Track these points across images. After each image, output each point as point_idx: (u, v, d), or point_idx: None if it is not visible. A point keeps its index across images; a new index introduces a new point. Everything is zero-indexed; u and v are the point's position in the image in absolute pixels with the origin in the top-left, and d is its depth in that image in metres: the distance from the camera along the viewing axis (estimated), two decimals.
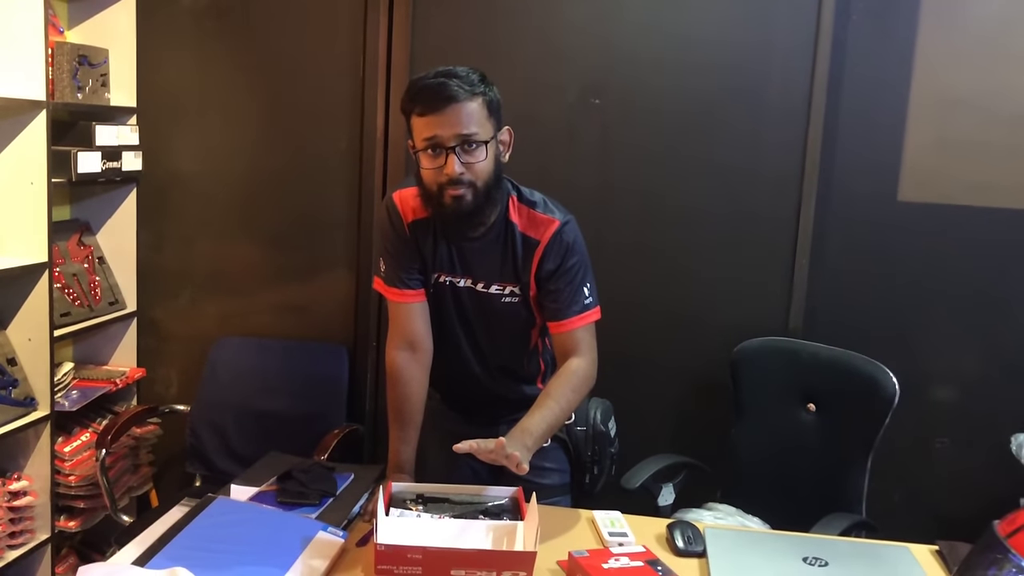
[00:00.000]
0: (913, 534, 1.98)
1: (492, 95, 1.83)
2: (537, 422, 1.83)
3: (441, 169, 1.79)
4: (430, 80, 1.79)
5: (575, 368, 1.92)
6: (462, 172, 1.78)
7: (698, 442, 2.71)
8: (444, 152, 1.78)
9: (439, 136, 1.78)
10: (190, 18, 2.93)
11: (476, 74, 1.82)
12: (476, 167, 1.80)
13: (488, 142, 1.81)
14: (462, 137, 1.77)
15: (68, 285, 2.81)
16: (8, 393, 2.51)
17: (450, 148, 1.78)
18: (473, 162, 1.79)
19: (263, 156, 2.97)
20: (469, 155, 1.79)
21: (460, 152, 1.78)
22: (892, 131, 2.69)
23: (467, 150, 1.79)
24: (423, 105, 1.78)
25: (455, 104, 1.76)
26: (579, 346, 1.93)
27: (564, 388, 1.90)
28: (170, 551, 1.61)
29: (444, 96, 1.76)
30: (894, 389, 2.30)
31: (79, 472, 2.73)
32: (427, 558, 1.54)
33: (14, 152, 2.51)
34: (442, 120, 1.77)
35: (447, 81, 1.78)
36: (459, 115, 1.77)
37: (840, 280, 2.75)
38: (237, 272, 3.03)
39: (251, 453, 2.61)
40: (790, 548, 1.81)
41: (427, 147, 1.80)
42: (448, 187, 1.80)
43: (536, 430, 1.81)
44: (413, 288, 1.98)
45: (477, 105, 1.79)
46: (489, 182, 1.83)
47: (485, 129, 1.80)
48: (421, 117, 1.79)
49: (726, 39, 2.71)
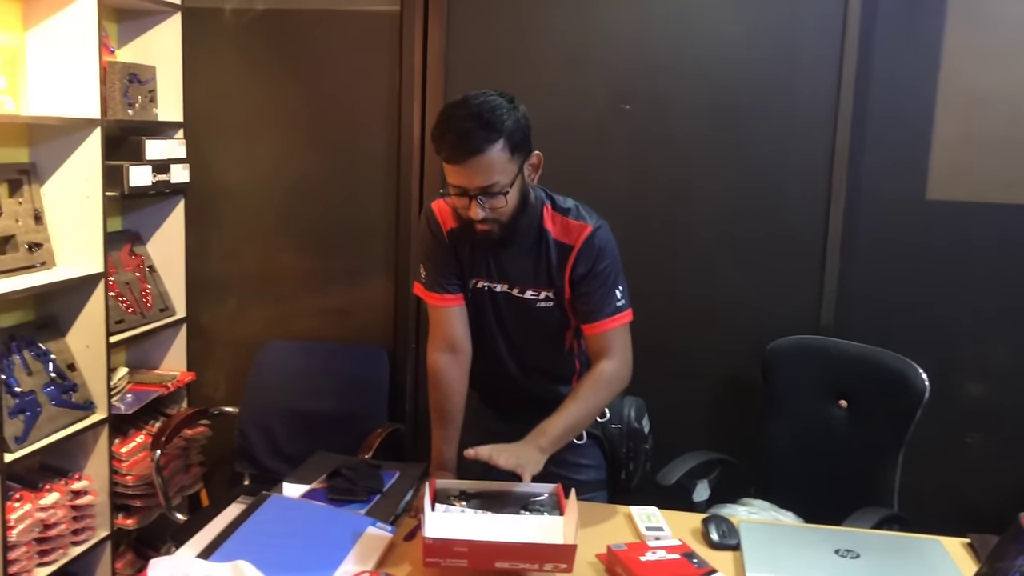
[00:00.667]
0: (945, 527, 2.01)
1: (518, 126, 1.83)
2: (556, 424, 1.92)
3: (466, 209, 1.87)
4: (453, 128, 1.81)
5: (602, 370, 1.99)
6: (484, 216, 1.87)
7: (732, 439, 2.76)
8: (468, 197, 1.86)
9: (463, 185, 1.85)
10: (232, 35, 3.03)
11: (503, 107, 1.82)
12: (499, 209, 1.87)
13: (512, 184, 1.86)
14: (483, 189, 1.84)
15: (122, 293, 2.93)
16: (69, 397, 2.63)
17: (472, 196, 1.85)
18: (496, 206, 1.87)
19: (304, 166, 3.07)
20: (492, 200, 1.86)
21: (483, 199, 1.85)
22: (920, 129, 2.71)
23: (489, 197, 1.85)
24: (446, 154, 1.83)
25: (477, 156, 1.80)
26: (610, 347, 1.99)
27: (588, 391, 1.98)
28: (231, 545, 1.70)
29: (466, 150, 1.80)
30: (924, 385, 2.33)
31: (135, 472, 2.85)
32: (472, 551, 1.61)
33: (71, 168, 2.63)
34: (464, 172, 1.83)
35: (471, 130, 1.79)
36: (480, 167, 1.81)
37: (870, 278, 2.78)
38: (281, 278, 3.13)
39: (297, 453, 2.71)
40: (822, 541, 1.86)
41: (453, 190, 1.88)
42: (476, 223, 1.88)
43: (553, 432, 1.91)
44: (452, 293, 2.05)
45: (499, 151, 1.81)
46: (515, 215, 1.90)
47: (507, 174, 1.84)
48: (447, 163, 1.85)
49: (753, 41, 2.76)
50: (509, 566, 1.63)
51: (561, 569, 1.63)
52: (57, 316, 2.71)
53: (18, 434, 2.42)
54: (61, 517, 2.55)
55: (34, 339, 2.62)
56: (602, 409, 2.09)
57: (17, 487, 2.47)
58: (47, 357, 2.62)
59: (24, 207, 2.59)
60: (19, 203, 2.58)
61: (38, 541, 2.50)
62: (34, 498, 2.48)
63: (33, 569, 2.49)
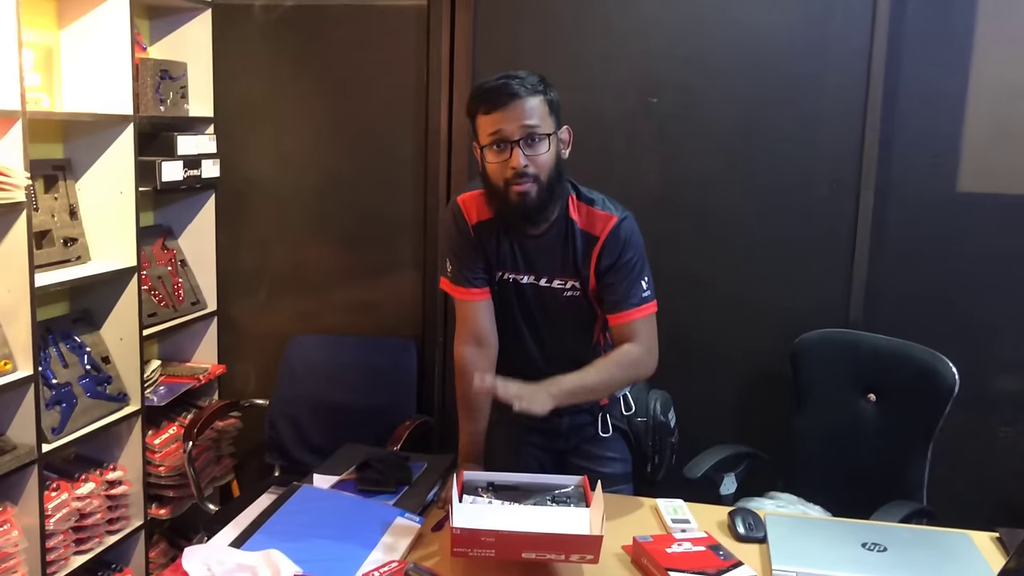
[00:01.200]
0: (974, 522, 2.01)
1: (552, 96, 1.93)
2: (570, 379, 1.90)
3: (507, 163, 1.88)
4: (493, 82, 1.91)
5: (627, 351, 1.99)
6: (526, 164, 1.87)
7: (759, 432, 2.76)
8: (509, 146, 1.88)
9: (504, 130, 1.87)
10: (262, 31, 3.07)
11: (536, 76, 1.93)
12: (539, 160, 1.89)
13: (550, 135, 1.90)
14: (526, 129, 1.87)
15: (154, 287, 2.98)
16: (104, 389, 2.68)
17: (515, 141, 1.87)
18: (536, 155, 1.88)
19: (333, 161, 3.10)
20: (532, 148, 1.88)
21: (524, 145, 1.87)
22: (950, 121, 2.69)
23: (530, 144, 1.88)
24: (488, 103, 1.89)
25: (518, 100, 1.87)
26: (636, 336, 2.00)
27: (609, 362, 1.99)
28: (263, 534, 1.73)
29: (508, 93, 1.87)
30: (954, 379, 2.31)
31: (168, 463, 2.89)
32: (500, 541, 1.62)
33: (105, 164, 2.68)
34: (506, 115, 1.87)
35: (509, 80, 1.89)
36: (522, 110, 1.87)
37: (899, 271, 2.76)
38: (310, 272, 3.16)
39: (326, 444, 2.75)
40: (849, 534, 1.86)
41: (492, 142, 1.89)
42: (513, 182, 1.88)
43: (566, 386, 1.88)
44: (478, 287, 2.07)
45: (538, 102, 1.89)
46: (551, 176, 1.92)
47: (547, 124, 1.90)
48: (486, 115, 1.89)
49: (782, 33, 2.74)
50: (536, 557, 1.64)
51: (587, 560, 1.64)
52: (92, 310, 2.76)
53: (55, 425, 2.48)
54: (96, 507, 2.60)
55: (70, 332, 2.67)
56: (619, 388, 2.11)
57: (54, 477, 2.53)
58: (82, 350, 2.67)
59: (60, 202, 2.64)
60: (55, 198, 2.63)
61: (74, 530, 2.55)
62: (70, 488, 2.53)
63: (70, 557, 2.55)
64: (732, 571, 1.68)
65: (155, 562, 2.95)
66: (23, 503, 2.34)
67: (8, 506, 2.32)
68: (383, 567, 1.64)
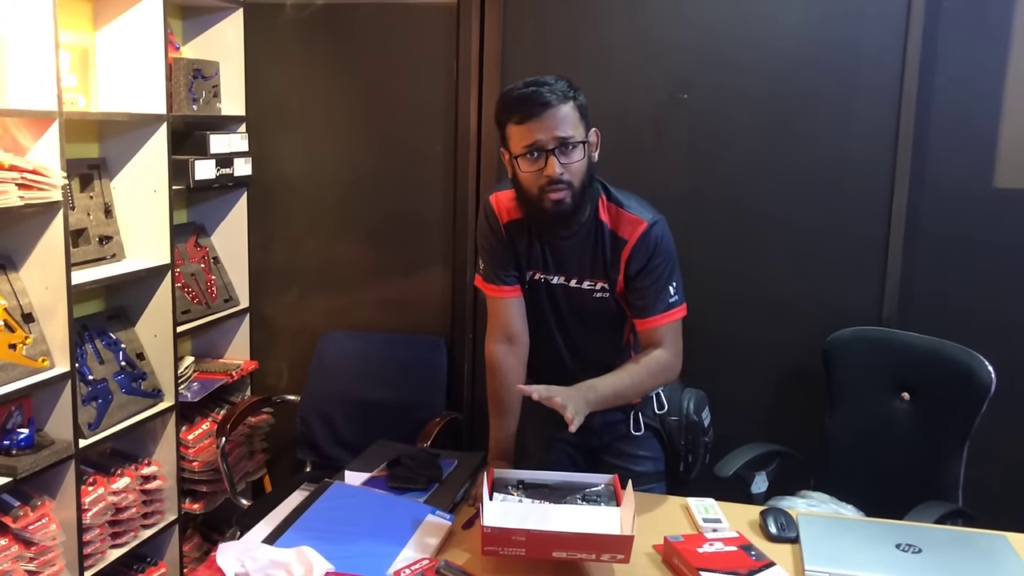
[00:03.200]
0: (1012, 523, 1.97)
1: (581, 100, 1.91)
2: (606, 383, 1.92)
3: (541, 171, 1.88)
4: (522, 90, 1.88)
5: (656, 355, 2.00)
6: (562, 173, 1.87)
7: (791, 430, 2.73)
8: (544, 155, 1.87)
9: (539, 140, 1.86)
10: (293, 30, 3.08)
11: (563, 81, 1.90)
12: (573, 167, 1.88)
13: (583, 143, 1.89)
14: (560, 139, 1.86)
15: (188, 284, 3.01)
16: (139, 386, 2.72)
17: (550, 151, 1.86)
18: (571, 162, 1.88)
19: (363, 159, 3.11)
20: (567, 156, 1.87)
21: (559, 154, 1.87)
22: (987, 116, 2.65)
23: (565, 152, 1.87)
24: (520, 113, 1.87)
25: (551, 109, 1.85)
26: (663, 341, 2.00)
27: (640, 367, 1.99)
28: (295, 531, 1.74)
29: (540, 103, 1.85)
30: (990, 378, 2.28)
31: (201, 458, 2.93)
32: (530, 540, 1.62)
33: (139, 163, 2.71)
34: (540, 125, 1.85)
35: (540, 88, 1.86)
36: (555, 119, 1.85)
37: (934, 268, 2.72)
38: (341, 269, 3.18)
39: (357, 440, 2.77)
40: (883, 535, 1.84)
41: (526, 152, 1.88)
42: (548, 190, 1.88)
43: (601, 389, 1.89)
44: (510, 284, 2.07)
45: (569, 108, 1.87)
46: (585, 181, 1.91)
47: (579, 131, 1.89)
48: (519, 125, 1.88)
49: (814, 29, 2.71)
50: (567, 556, 1.64)
51: (618, 560, 1.64)
52: (127, 307, 2.80)
53: (91, 421, 2.51)
54: (132, 501, 2.64)
55: (105, 329, 2.71)
56: (645, 393, 2.10)
57: (91, 472, 2.57)
58: (118, 346, 2.71)
59: (95, 201, 2.67)
60: (90, 197, 2.66)
61: (111, 524, 2.59)
62: (106, 482, 2.57)
63: (106, 550, 2.59)
64: (764, 571, 1.67)
65: (189, 556, 2.99)
66: (61, 497, 2.38)
67: (46, 500, 2.36)
68: (414, 564, 1.65)
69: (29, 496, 2.34)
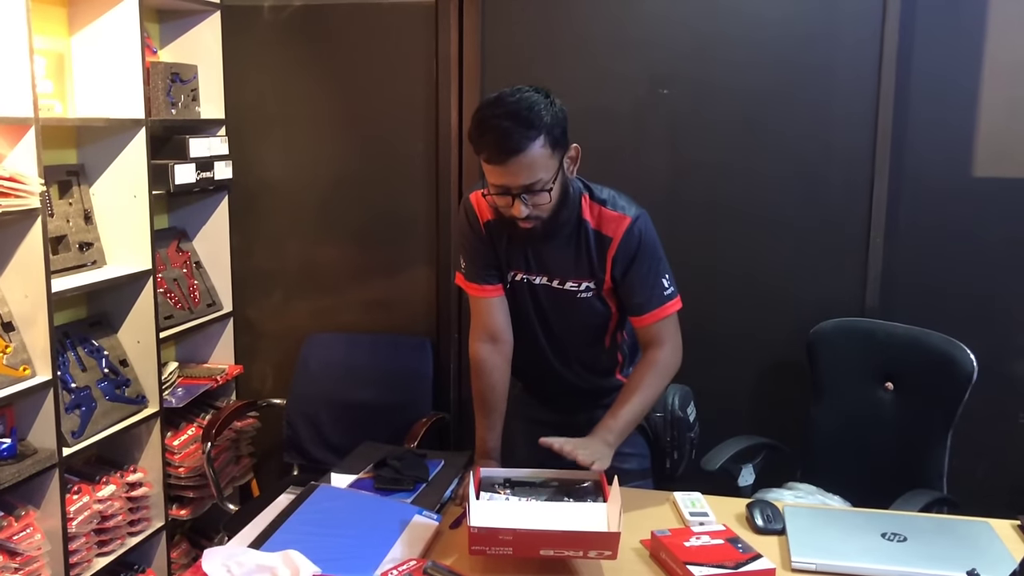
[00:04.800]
0: (996, 510, 1.99)
1: (556, 121, 1.82)
2: (620, 419, 1.93)
3: (509, 207, 1.87)
4: (494, 123, 1.79)
5: (657, 359, 1.99)
6: (528, 213, 1.85)
7: (776, 422, 2.75)
8: (511, 196, 1.84)
9: (505, 184, 1.84)
10: (271, 32, 3.07)
11: (539, 99, 1.81)
12: (542, 207, 1.86)
13: (554, 180, 1.84)
14: (526, 187, 1.82)
15: (170, 289, 2.99)
16: (122, 392, 2.70)
17: (516, 195, 1.84)
18: (539, 203, 1.85)
19: (345, 160, 3.10)
20: (535, 197, 1.84)
21: (526, 197, 1.84)
22: (964, 106, 2.66)
23: (532, 193, 1.84)
24: (487, 154, 1.82)
25: (517, 156, 1.78)
26: (662, 336, 2.00)
27: (646, 380, 1.98)
28: (281, 535, 1.74)
29: (508, 149, 1.78)
30: (972, 366, 2.30)
31: (187, 464, 2.91)
32: (517, 539, 1.62)
33: (119, 168, 2.70)
34: (506, 171, 1.81)
35: (510, 129, 1.77)
36: (522, 166, 1.79)
37: (916, 259, 2.74)
38: (324, 271, 3.17)
39: (344, 443, 2.76)
40: (869, 524, 1.85)
41: (495, 191, 1.87)
42: (519, 221, 1.87)
43: (617, 427, 1.92)
44: (492, 283, 2.06)
45: (539, 146, 1.79)
46: (557, 209, 1.89)
47: (549, 170, 1.82)
48: (487, 164, 1.84)
49: (793, 23, 2.72)
50: (554, 554, 1.65)
51: (605, 556, 1.65)
52: (109, 313, 2.78)
53: (75, 429, 2.50)
54: (118, 508, 2.62)
55: (87, 336, 2.69)
56: (658, 398, 2.09)
57: (75, 480, 2.55)
58: (100, 353, 2.69)
59: (74, 207, 2.65)
60: (69, 204, 2.64)
61: (97, 532, 2.57)
62: (92, 490, 2.55)
63: (93, 559, 2.57)
64: (751, 564, 1.67)
65: (177, 562, 2.97)
66: (45, 506, 2.36)
67: (30, 510, 2.34)
68: (401, 565, 1.65)
69: (13, 506, 2.32)
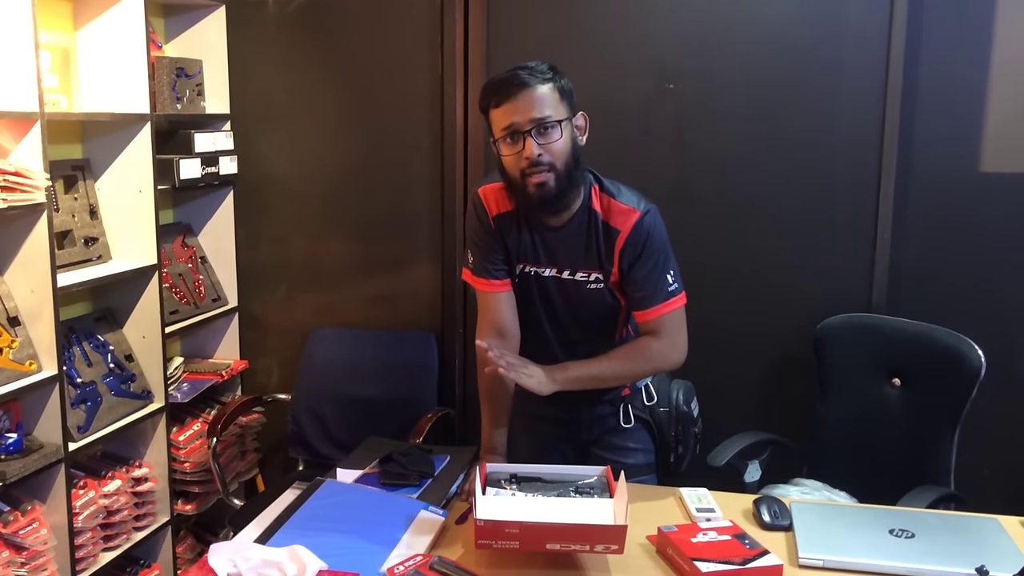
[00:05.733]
0: (1004, 506, 1.98)
1: (563, 83, 1.91)
2: (578, 367, 1.96)
3: (520, 154, 1.87)
4: (502, 75, 1.91)
5: (644, 343, 2.01)
6: (540, 154, 1.86)
7: (783, 418, 2.74)
8: (522, 137, 1.87)
9: (515, 122, 1.87)
10: (276, 26, 3.06)
11: (545, 64, 1.92)
12: (553, 147, 1.87)
13: (563, 122, 1.88)
14: (536, 120, 1.86)
15: (175, 284, 2.99)
16: (128, 387, 2.70)
17: (526, 132, 1.86)
18: (549, 143, 1.87)
19: (350, 155, 3.09)
20: (545, 136, 1.87)
21: (536, 135, 1.86)
22: (972, 101, 2.65)
23: (542, 132, 1.87)
24: (498, 96, 1.89)
25: (527, 89, 1.86)
26: (660, 332, 1.99)
27: (625, 354, 2.01)
28: (287, 530, 1.74)
29: (516, 84, 1.86)
30: (980, 362, 2.29)
31: (193, 459, 2.91)
32: (524, 532, 1.62)
33: (124, 163, 2.69)
34: (516, 106, 1.86)
35: (517, 71, 1.89)
36: (531, 99, 1.86)
37: (923, 254, 2.73)
38: (329, 266, 3.17)
39: (349, 438, 2.76)
40: (876, 520, 1.84)
41: (505, 135, 1.88)
42: (530, 173, 1.87)
43: (572, 372, 1.95)
44: (499, 278, 2.06)
45: (548, 89, 1.88)
46: (568, 163, 1.90)
47: (558, 111, 1.88)
48: (497, 108, 1.89)
49: (800, 17, 2.71)
50: (560, 547, 1.64)
51: (612, 550, 1.64)
52: (114, 308, 2.78)
53: (80, 424, 2.50)
54: (123, 503, 2.62)
55: (93, 331, 2.69)
56: (635, 379, 2.11)
57: (81, 475, 2.55)
58: (106, 348, 2.69)
59: (80, 202, 2.65)
60: (75, 199, 2.64)
61: (102, 527, 2.57)
62: (97, 485, 2.55)
63: (99, 554, 2.57)
64: (758, 560, 1.67)
65: (182, 557, 2.97)
66: (51, 501, 2.37)
67: (36, 504, 2.34)
68: (408, 561, 1.64)
69: (19, 501, 2.32)
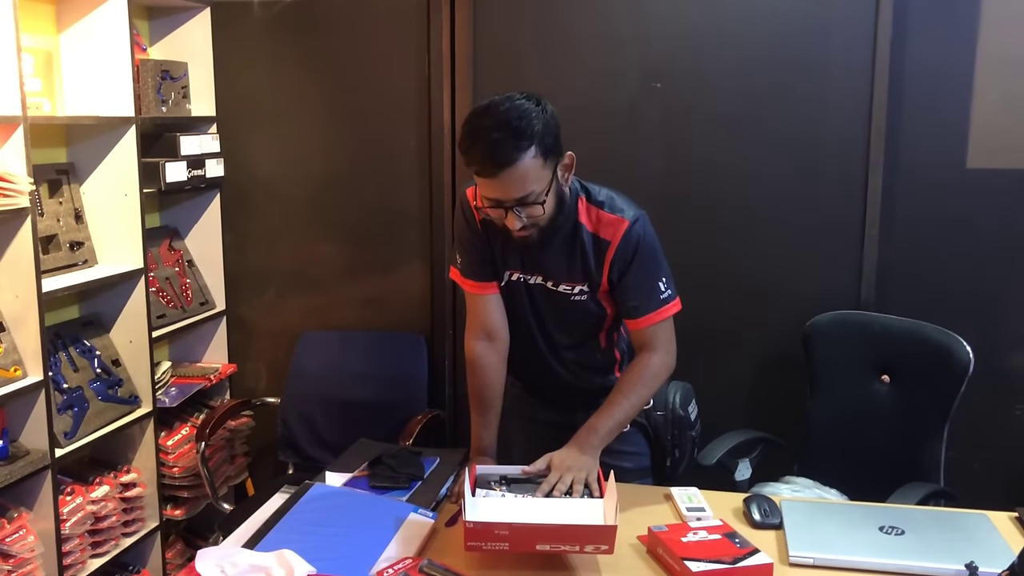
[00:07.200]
0: (994, 502, 1.98)
1: (548, 129, 1.78)
2: (604, 421, 1.92)
3: (503, 219, 1.84)
4: (484, 135, 1.75)
5: (648, 363, 1.97)
6: (522, 225, 1.83)
7: (773, 416, 2.74)
8: (504, 209, 1.82)
9: (497, 198, 1.81)
10: (262, 28, 3.05)
11: (530, 108, 1.77)
12: (536, 217, 1.84)
13: (546, 191, 1.81)
14: (519, 200, 1.80)
15: (162, 288, 2.97)
16: (115, 392, 2.68)
17: (508, 208, 1.81)
18: (533, 214, 1.83)
19: (337, 157, 3.08)
20: (529, 209, 1.82)
21: (519, 208, 1.81)
22: (959, 97, 2.66)
23: (526, 205, 1.81)
24: (478, 167, 1.79)
25: (508, 168, 1.75)
26: (654, 341, 1.98)
27: (635, 383, 1.96)
28: (276, 534, 1.72)
29: (498, 163, 1.75)
30: (968, 358, 2.29)
31: (181, 464, 2.90)
32: (514, 534, 1.61)
33: (109, 166, 2.68)
34: (498, 184, 1.78)
35: (501, 140, 1.74)
36: (513, 179, 1.76)
37: (911, 251, 2.73)
38: (317, 269, 3.16)
39: (339, 441, 2.74)
40: (866, 518, 1.84)
41: (488, 204, 1.84)
42: (513, 231, 1.85)
43: (603, 429, 1.91)
44: (488, 280, 2.05)
45: (531, 158, 1.75)
46: (552, 216, 1.87)
47: (542, 181, 1.79)
48: (478, 176, 1.81)
49: (786, 16, 2.71)
50: (550, 548, 1.63)
51: (602, 551, 1.63)
52: (100, 313, 2.76)
53: (67, 429, 2.48)
54: (112, 509, 2.61)
55: (79, 336, 2.67)
56: (648, 400, 2.08)
57: (68, 481, 2.53)
58: (92, 353, 2.68)
59: (65, 207, 2.63)
60: (59, 203, 2.62)
61: (90, 533, 2.56)
62: (85, 491, 2.53)
63: (87, 560, 2.55)
64: (748, 559, 1.66)
65: (172, 563, 2.95)
66: (38, 508, 2.35)
67: (23, 511, 2.32)
68: (397, 564, 1.63)
69: (5, 508, 2.30)
